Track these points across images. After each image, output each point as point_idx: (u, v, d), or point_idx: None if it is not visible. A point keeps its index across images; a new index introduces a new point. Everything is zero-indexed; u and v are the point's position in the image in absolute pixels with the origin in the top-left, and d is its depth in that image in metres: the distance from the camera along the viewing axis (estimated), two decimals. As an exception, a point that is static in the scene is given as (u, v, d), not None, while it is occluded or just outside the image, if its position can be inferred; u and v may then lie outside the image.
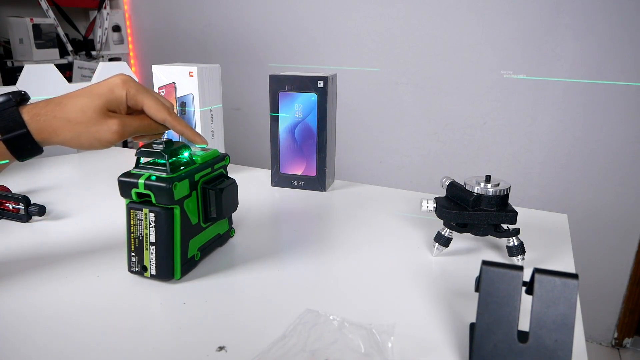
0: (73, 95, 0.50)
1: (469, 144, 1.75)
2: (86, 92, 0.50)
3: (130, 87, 0.51)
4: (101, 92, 0.50)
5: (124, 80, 0.52)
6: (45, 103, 0.49)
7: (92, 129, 0.49)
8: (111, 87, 0.51)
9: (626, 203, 1.59)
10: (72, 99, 0.50)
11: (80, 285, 0.53)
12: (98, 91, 0.50)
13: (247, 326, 0.46)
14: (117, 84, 0.51)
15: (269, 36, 1.98)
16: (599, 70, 1.51)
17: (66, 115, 0.49)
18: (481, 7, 1.60)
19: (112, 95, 0.51)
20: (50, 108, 0.49)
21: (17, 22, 1.88)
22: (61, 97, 0.50)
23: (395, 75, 1.80)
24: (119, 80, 0.51)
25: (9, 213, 0.71)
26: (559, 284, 0.38)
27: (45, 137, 0.49)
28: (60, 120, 0.49)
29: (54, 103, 0.49)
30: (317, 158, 0.83)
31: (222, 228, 0.61)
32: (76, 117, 0.49)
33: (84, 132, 0.49)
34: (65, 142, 0.50)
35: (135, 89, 0.52)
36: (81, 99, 0.50)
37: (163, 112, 0.53)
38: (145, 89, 0.53)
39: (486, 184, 0.57)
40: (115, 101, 0.51)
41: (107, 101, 0.50)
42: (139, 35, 2.32)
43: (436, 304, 0.50)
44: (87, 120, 0.49)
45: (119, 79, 0.51)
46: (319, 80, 0.79)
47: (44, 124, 0.48)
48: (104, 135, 0.50)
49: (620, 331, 1.72)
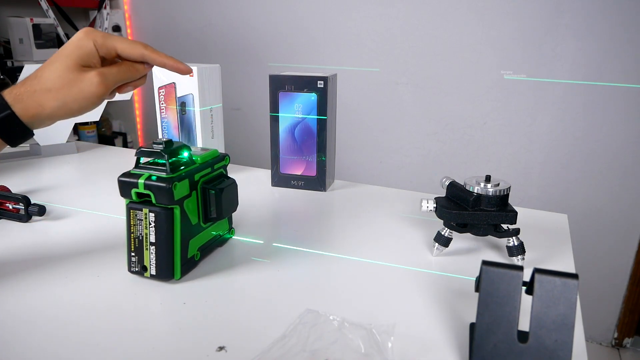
0: (45, 65, 0.49)
1: (469, 144, 1.75)
2: (56, 57, 0.49)
3: (97, 36, 0.50)
4: (70, 51, 0.49)
5: (86, 31, 0.50)
6: (23, 82, 0.49)
7: (75, 90, 0.48)
8: (77, 43, 0.50)
9: (626, 203, 1.59)
10: (45, 69, 0.49)
11: (80, 285, 0.53)
12: (66, 51, 0.49)
13: (247, 326, 0.46)
14: (82, 38, 0.50)
15: (269, 36, 1.98)
16: (599, 71, 1.51)
17: (45, 86, 0.48)
18: (481, 7, 1.60)
19: (81, 50, 0.49)
20: (28, 84, 0.48)
21: (17, 22, 1.88)
22: (36, 70, 0.49)
23: (395, 75, 1.80)
24: (82, 33, 0.50)
25: (9, 213, 0.71)
26: (559, 284, 0.38)
27: (33, 115, 0.48)
28: (41, 93, 0.48)
29: (31, 78, 0.49)
30: (317, 158, 0.83)
31: (222, 228, 0.61)
32: (55, 84, 0.48)
33: (68, 96, 0.48)
34: (54, 113, 0.49)
35: (101, 37, 0.50)
36: (53, 64, 0.49)
37: (138, 47, 0.51)
38: (111, 35, 0.52)
39: (486, 184, 0.57)
40: (85, 55, 0.49)
41: (77, 57, 0.49)
42: (139, 35, 2.32)
43: (436, 304, 0.50)
44: (66, 83, 0.48)
45: (82, 33, 0.50)
46: (319, 80, 0.79)
47: (28, 101, 0.48)
48: (88, 91, 0.49)
49: (620, 331, 1.72)
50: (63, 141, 1.06)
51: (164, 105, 0.89)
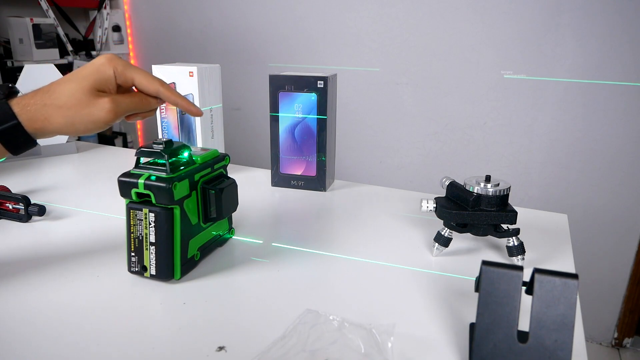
0: (61, 81, 0.49)
1: (469, 144, 1.75)
2: (73, 76, 0.50)
3: (118, 64, 0.51)
4: (88, 73, 0.50)
5: (109, 58, 0.51)
6: (34, 93, 0.49)
7: (84, 112, 0.48)
8: (98, 67, 0.50)
9: (626, 203, 1.59)
10: (60, 85, 0.49)
11: (80, 285, 0.53)
12: (85, 73, 0.50)
13: (247, 326, 0.46)
14: (104, 63, 0.50)
15: (269, 36, 1.98)
16: (599, 70, 1.51)
17: (56, 102, 0.48)
18: (481, 7, 1.60)
19: (100, 75, 0.50)
20: (39, 97, 0.48)
21: (17, 22, 1.88)
22: (49, 84, 0.50)
23: (395, 75, 1.80)
24: (105, 59, 0.51)
25: (9, 213, 0.71)
26: (559, 284, 0.38)
27: (38, 127, 0.48)
28: (51, 108, 0.48)
29: (42, 92, 0.49)
30: (317, 158, 0.83)
31: (222, 228, 0.61)
32: (66, 102, 0.48)
33: (76, 116, 0.48)
34: (59, 130, 0.49)
35: (122, 66, 0.51)
36: (69, 83, 0.49)
37: (155, 83, 0.52)
38: (132, 65, 0.52)
39: (486, 184, 0.57)
40: (103, 80, 0.50)
41: (95, 81, 0.49)
42: (139, 35, 2.32)
43: (436, 304, 0.50)
44: (77, 103, 0.48)
45: (104, 58, 0.51)
46: (319, 80, 0.79)
47: (35, 114, 0.48)
48: (97, 115, 0.49)
49: (620, 331, 1.72)
50: (63, 141, 1.06)
51: (164, 105, 0.89)
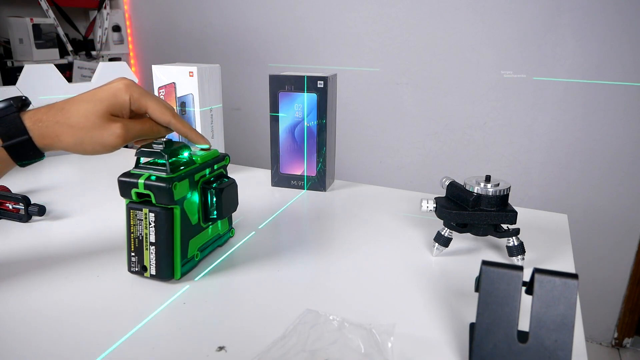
0: (75, 101, 0.50)
1: (469, 144, 1.75)
2: (89, 97, 0.50)
3: (134, 92, 0.51)
4: (104, 97, 0.50)
5: (127, 84, 0.51)
6: (47, 109, 0.49)
7: (96, 134, 0.49)
8: (114, 92, 0.51)
9: (626, 203, 1.59)
10: (74, 104, 0.49)
11: (80, 285, 0.53)
12: (101, 96, 0.50)
13: (247, 326, 0.46)
14: (121, 89, 0.51)
15: (269, 36, 1.98)
16: (599, 70, 1.51)
17: (69, 121, 0.48)
18: (481, 7, 1.60)
19: (116, 100, 0.50)
20: (52, 114, 0.49)
21: (17, 22, 1.88)
22: (63, 102, 0.50)
23: (395, 75, 1.80)
24: (122, 84, 0.51)
25: (9, 213, 0.71)
26: (559, 284, 0.38)
27: (48, 143, 0.49)
28: (63, 126, 0.48)
29: (56, 109, 0.49)
30: (317, 158, 0.83)
31: (222, 228, 0.61)
32: (79, 123, 0.48)
33: (86, 137, 0.49)
34: (68, 148, 0.50)
35: (138, 93, 0.52)
36: (84, 104, 0.49)
37: (167, 114, 0.53)
38: (147, 93, 0.53)
39: (486, 184, 0.57)
40: (118, 105, 0.51)
41: (110, 105, 0.50)
42: (139, 35, 2.32)
43: (436, 304, 0.50)
44: (90, 125, 0.49)
45: (122, 84, 0.51)
46: (319, 80, 0.79)
47: (46, 130, 0.48)
48: (107, 139, 0.50)
49: (620, 331, 1.72)
50: (63, 141, 1.06)
51: (164, 105, 0.88)
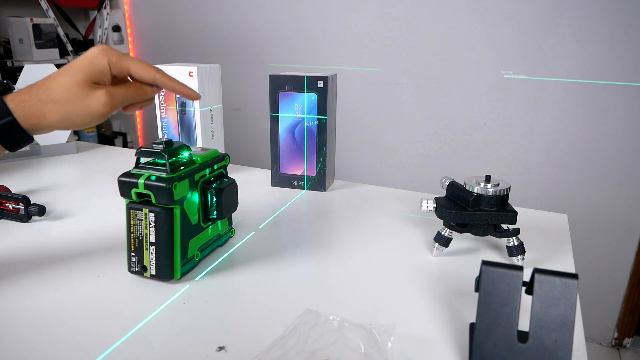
0: (55, 76, 0.49)
1: (469, 144, 1.75)
2: (67, 70, 0.49)
3: (112, 55, 0.50)
4: (82, 66, 0.49)
5: (103, 49, 0.50)
6: (29, 89, 0.48)
7: (81, 105, 0.48)
8: (91, 59, 0.49)
9: (626, 203, 1.59)
10: (54, 80, 0.48)
11: (80, 285, 0.53)
12: (79, 66, 0.49)
13: (247, 326, 0.46)
14: (97, 54, 0.49)
15: (269, 36, 1.98)
16: (599, 70, 1.51)
17: (51, 97, 0.47)
18: (481, 7, 1.60)
19: (94, 67, 0.49)
20: (34, 92, 0.48)
21: (17, 22, 1.88)
22: (44, 79, 0.49)
23: (395, 75, 1.80)
24: (98, 50, 0.50)
25: (9, 213, 0.71)
26: (559, 284, 0.38)
27: (34, 123, 0.48)
28: (46, 103, 0.47)
29: (37, 87, 0.48)
30: (317, 158, 0.83)
31: (222, 228, 0.61)
32: (61, 97, 0.47)
33: (72, 110, 0.48)
34: (56, 125, 0.48)
35: (116, 56, 0.50)
36: (63, 77, 0.48)
37: (151, 70, 0.51)
38: (126, 55, 0.51)
39: (486, 184, 0.57)
40: (98, 72, 0.49)
41: (89, 73, 0.48)
42: (139, 35, 2.32)
43: (436, 304, 0.50)
44: (73, 97, 0.48)
45: (97, 50, 0.50)
46: (319, 80, 0.79)
47: (30, 110, 0.47)
48: (94, 108, 0.48)
49: (620, 331, 1.72)
50: (63, 141, 1.06)
51: (164, 105, 0.89)
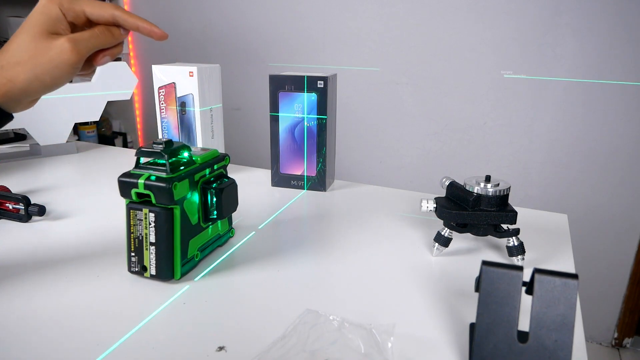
0: (12, 38, 0.47)
1: (469, 144, 1.75)
2: (20, 29, 0.46)
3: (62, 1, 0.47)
4: (34, 20, 0.46)
5: None
6: None
7: (44, 60, 0.45)
8: (41, 10, 0.46)
9: (626, 203, 1.59)
10: (11, 43, 0.46)
11: (80, 285, 0.53)
12: (31, 21, 0.46)
13: (247, 326, 0.46)
14: (45, 4, 0.46)
15: (269, 36, 1.98)
16: (599, 70, 1.51)
17: (13, 59, 0.45)
18: (481, 7, 1.60)
19: (47, 17, 0.46)
20: None
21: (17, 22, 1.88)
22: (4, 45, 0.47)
23: (395, 75, 1.80)
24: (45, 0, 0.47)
25: (9, 213, 0.71)
26: (559, 284, 0.38)
27: (5, 93, 0.46)
28: (10, 66, 0.45)
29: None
30: (317, 158, 0.83)
31: (222, 228, 0.61)
32: (22, 56, 0.45)
33: (37, 67, 0.45)
34: (27, 88, 0.46)
35: (67, 1, 0.47)
36: (19, 37, 0.46)
37: (108, 7, 0.48)
38: None
39: (486, 184, 0.57)
40: (52, 21, 0.46)
41: (43, 24, 0.46)
42: (139, 35, 2.32)
43: (436, 304, 0.50)
44: (34, 53, 0.45)
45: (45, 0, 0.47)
46: (319, 80, 0.79)
47: None
48: (59, 59, 0.46)
49: (620, 331, 1.72)
50: (63, 141, 1.06)
51: (164, 105, 0.89)
